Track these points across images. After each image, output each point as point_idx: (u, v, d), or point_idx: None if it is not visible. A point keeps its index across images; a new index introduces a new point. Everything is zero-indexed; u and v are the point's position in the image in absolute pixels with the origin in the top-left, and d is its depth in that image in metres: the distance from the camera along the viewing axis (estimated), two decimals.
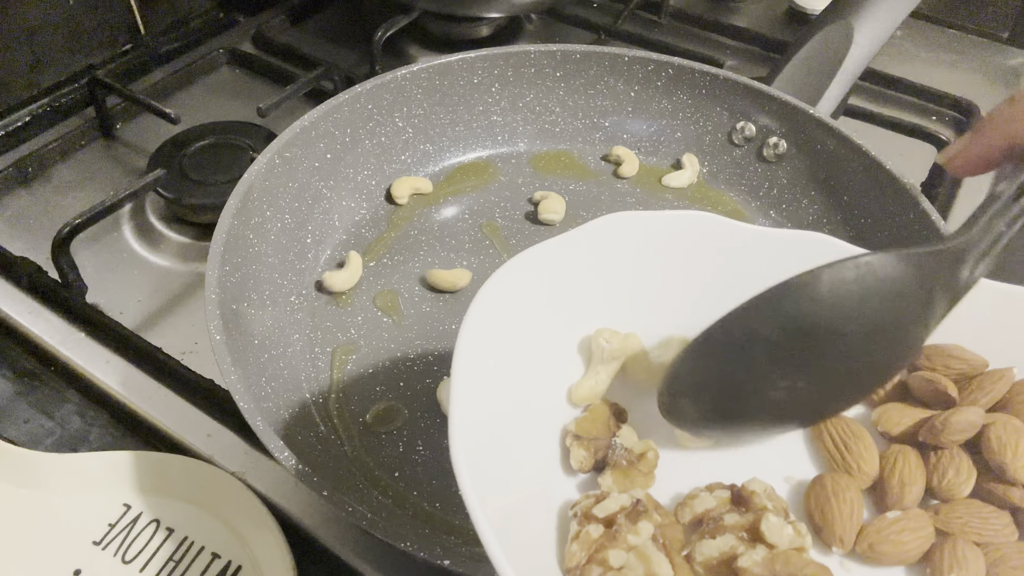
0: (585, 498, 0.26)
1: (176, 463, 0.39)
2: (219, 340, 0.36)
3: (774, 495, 0.27)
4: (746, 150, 0.55)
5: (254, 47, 0.72)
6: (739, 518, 0.26)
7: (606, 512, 0.25)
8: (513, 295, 0.28)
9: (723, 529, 0.26)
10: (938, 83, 0.70)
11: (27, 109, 0.62)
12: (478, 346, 0.26)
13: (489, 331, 0.27)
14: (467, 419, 0.24)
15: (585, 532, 0.25)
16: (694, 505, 0.27)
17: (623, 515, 0.25)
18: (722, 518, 0.26)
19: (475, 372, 0.25)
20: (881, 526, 0.27)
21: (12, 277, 0.49)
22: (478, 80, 0.54)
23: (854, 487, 0.27)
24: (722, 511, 0.26)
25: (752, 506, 0.26)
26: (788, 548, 0.25)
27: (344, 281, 0.46)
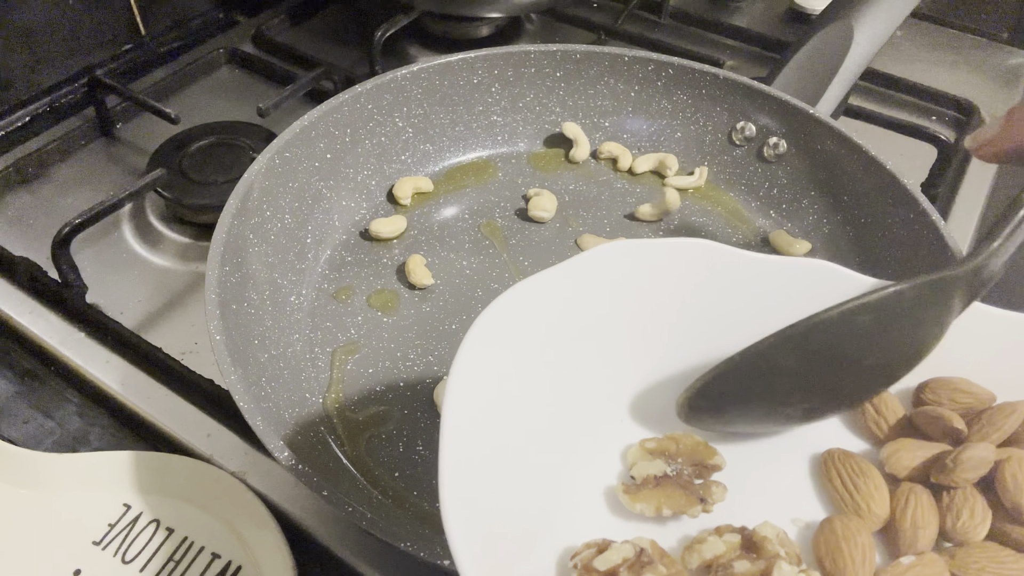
0: (586, 548, 0.25)
1: (176, 463, 0.39)
2: (219, 340, 0.36)
3: (786, 540, 0.26)
4: (746, 150, 0.55)
5: (254, 47, 0.72)
6: (750, 566, 0.25)
7: (608, 565, 0.24)
8: (507, 332, 0.27)
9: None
10: (938, 83, 0.70)
11: (27, 109, 0.62)
12: (472, 381, 0.25)
13: (482, 371, 0.26)
14: (459, 463, 0.23)
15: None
16: (702, 550, 0.25)
17: (625, 567, 0.24)
18: (732, 565, 0.25)
19: (468, 411, 0.25)
20: (896, 572, 0.25)
21: (12, 277, 0.49)
22: (478, 80, 0.54)
23: (865, 530, 0.26)
24: (732, 557, 0.25)
25: (764, 553, 0.25)
26: None
27: (392, 229, 0.49)
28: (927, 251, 0.43)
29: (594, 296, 0.30)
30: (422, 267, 0.48)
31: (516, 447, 0.27)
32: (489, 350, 0.26)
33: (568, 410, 0.29)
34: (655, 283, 0.30)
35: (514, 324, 0.27)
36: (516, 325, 0.28)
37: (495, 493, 0.25)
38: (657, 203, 0.52)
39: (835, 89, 0.54)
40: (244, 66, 0.71)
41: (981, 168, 0.63)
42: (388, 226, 0.49)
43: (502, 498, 0.25)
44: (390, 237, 0.50)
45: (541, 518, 0.26)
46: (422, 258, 0.48)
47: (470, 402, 0.25)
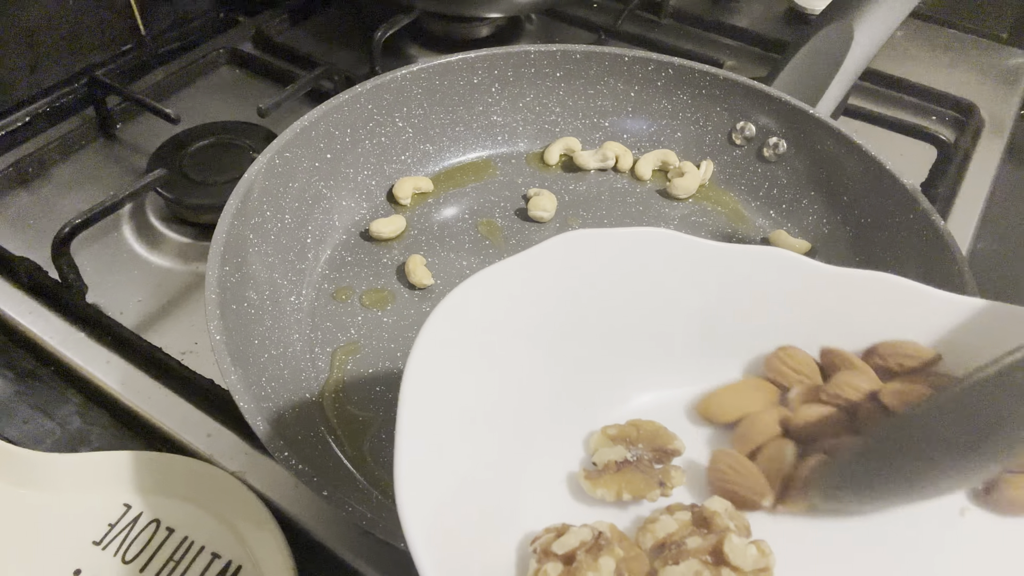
0: (545, 532, 0.25)
1: (176, 463, 0.39)
2: (219, 340, 0.36)
3: (735, 514, 0.27)
4: (746, 150, 0.55)
5: (254, 47, 0.72)
6: (702, 541, 0.25)
7: (565, 548, 0.24)
8: (466, 322, 0.27)
9: (686, 554, 0.25)
10: (938, 83, 0.70)
11: (27, 109, 0.62)
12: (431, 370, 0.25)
13: (440, 361, 0.26)
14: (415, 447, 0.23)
15: (543, 571, 0.24)
16: (655, 529, 0.26)
17: (583, 550, 0.24)
18: (684, 542, 0.25)
19: (426, 394, 0.25)
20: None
21: (12, 277, 0.49)
22: (478, 80, 0.54)
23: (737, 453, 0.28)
24: (684, 534, 0.26)
25: (714, 527, 0.26)
26: (752, 569, 0.24)
27: (392, 229, 0.49)
28: (927, 251, 0.43)
29: (554, 284, 0.30)
30: (422, 267, 0.48)
31: (476, 436, 0.27)
32: (448, 339, 0.26)
33: (529, 398, 0.29)
34: (616, 271, 0.30)
35: (473, 313, 0.28)
36: (475, 314, 0.28)
37: (454, 483, 0.25)
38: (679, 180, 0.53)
39: (835, 89, 0.54)
40: (244, 66, 0.71)
41: (981, 168, 0.63)
42: (388, 226, 0.49)
43: (461, 488, 0.25)
44: (390, 237, 0.50)
45: (502, 506, 0.27)
46: (422, 258, 0.48)
47: (428, 392, 0.25)
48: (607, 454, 0.28)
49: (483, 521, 0.26)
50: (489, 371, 0.28)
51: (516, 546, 0.26)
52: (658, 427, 0.29)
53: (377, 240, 0.50)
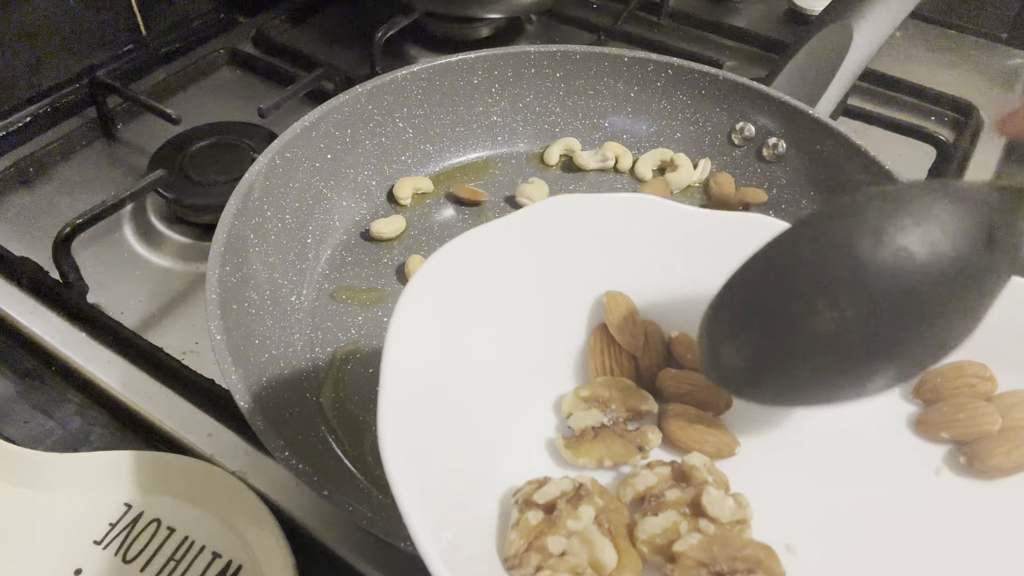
0: (527, 484, 0.26)
1: (176, 463, 0.39)
2: (219, 340, 0.36)
3: (714, 468, 0.27)
4: (746, 150, 0.55)
5: (254, 47, 0.72)
6: (680, 493, 0.26)
7: (546, 498, 0.25)
8: (450, 280, 0.28)
9: (665, 505, 0.26)
10: (938, 83, 0.70)
11: (28, 109, 0.62)
12: (412, 330, 0.25)
13: (424, 315, 0.26)
14: (400, 402, 0.23)
15: (525, 519, 0.24)
16: (635, 483, 0.27)
17: (564, 500, 0.25)
18: (663, 494, 0.26)
19: (410, 360, 0.25)
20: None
21: (13, 277, 0.49)
22: (478, 80, 0.54)
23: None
24: (664, 487, 0.26)
25: (693, 480, 0.26)
26: (730, 520, 0.25)
27: (392, 229, 0.50)
28: None
29: (535, 248, 0.30)
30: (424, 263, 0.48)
31: (458, 398, 0.27)
32: (430, 299, 0.27)
33: (509, 360, 0.30)
34: (597, 236, 0.31)
35: (455, 275, 0.28)
36: (457, 276, 0.28)
37: (437, 442, 0.25)
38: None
39: (834, 89, 0.54)
40: (244, 66, 0.71)
41: (980, 168, 0.63)
42: (388, 226, 0.50)
43: (444, 447, 0.25)
44: (391, 237, 0.50)
45: (485, 466, 0.27)
46: (422, 258, 0.48)
47: (410, 353, 0.25)
48: (583, 419, 0.28)
49: (466, 480, 0.26)
50: (472, 328, 0.28)
51: (499, 500, 0.26)
52: (629, 385, 0.30)
53: (377, 240, 0.50)
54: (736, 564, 0.24)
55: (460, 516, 0.24)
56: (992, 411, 0.29)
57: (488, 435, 0.28)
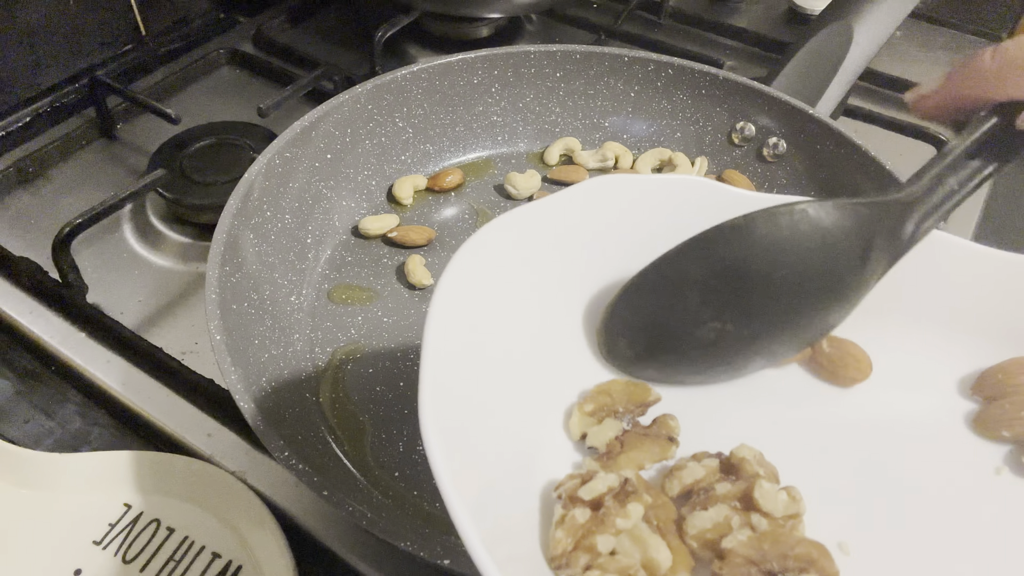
0: (570, 479, 0.25)
1: (176, 463, 0.39)
2: (219, 340, 0.36)
3: (764, 461, 0.26)
4: (746, 150, 0.55)
5: (254, 47, 0.72)
6: (731, 487, 0.25)
7: (593, 494, 0.24)
8: (493, 259, 0.27)
9: (715, 499, 0.25)
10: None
11: (28, 109, 0.62)
12: (454, 312, 0.25)
13: (466, 296, 0.25)
14: (441, 393, 0.23)
15: (571, 516, 0.23)
16: (682, 476, 0.26)
17: (611, 496, 0.24)
18: (713, 488, 0.25)
19: (449, 345, 0.24)
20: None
21: (12, 277, 0.49)
22: (478, 80, 0.54)
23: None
24: (712, 480, 0.25)
25: (743, 473, 0.25)
26: (783, 515, 0.24)
27: (380, 226, 0.49)
28: None
29: (579, 228, 0.29)
30: (422, 267, 0.48)
31: (496, 383, 0.26)
32: (472, 281, 0.26)
33: (550, 348, 0.29)
34: (644, 216, 0.30)
35: (499, 255, 0.27)
36: (501, 256, 0.27)
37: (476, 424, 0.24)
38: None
39: (835, 89, 0.54)
40: (244, 66, 0.71)
41: None
42: (376, 223, 0.50)
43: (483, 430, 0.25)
44: (378, 234, 0.50)
45: (523, 454, 0.26)
46: (422, 258, 0.48)
47: (450, 335, 0.24)
48: (602, 434, 0.27)
49: (506, 467, 0.25)
50: (508, 319, 0.27)
51: (539, 493, 0.25)
52: (624, 383, 0.29)
53: (367, 237, 0.50)
54: (788, 562, 0.23)
55: (499, 505, 0.23)
56: None
57: (527, 424, 0.27)
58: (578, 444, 0.28)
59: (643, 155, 0.55)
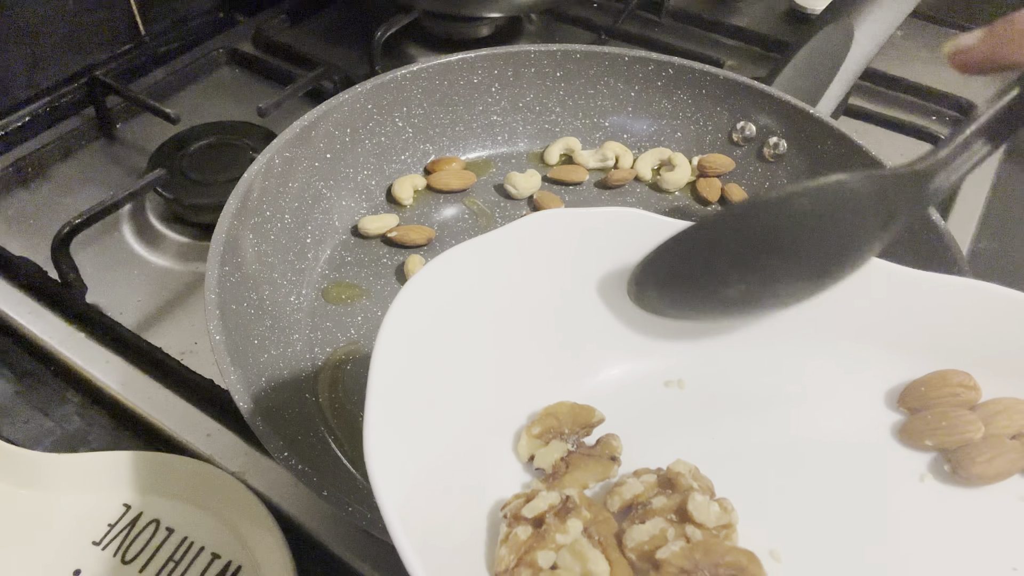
0: (515, 499, 0.26)
1: (176, 463, 0.39)
2: (219, 340, 0.36)
3: (699, 475, 0.28)
4: (746, 150, 0.55)
5: (254, 47, 0.72)
6: (667, 500, 0.26)
7: (535, 512, 0.25)
8: (439, 293, 0.28)
9: (652, 513, 0.26)
10: (939, 83, 0.70)
11: (27, 109, 0.62)
12: (399, 343, 0.25)
13: (413, 329, 0.26)
14: (388, 425, 0.23)
15: (514, 534, 0.25)
16: (622, 492, 0.27)
17: (552, 514, 0.25)
18: (650, 502, 0.26)
19: (396, 372, 0.25)
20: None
21: (12, 277, 0.49)
22: (478, 80, 0.54)
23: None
24: (650, 495, 0.27)
25: (678, 487, 0.27)
26: (716, 525, 0.25)
27: (379, 226, 0.49)
28: (927, 251, 0.43)
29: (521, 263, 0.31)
30: (421, 267, 0.47)
31: (445, 409, 0.27)
32: (422, 309, 0.27)
33: (498, 374, 0.30)
34: (584, 250, 0.32)
35: (448, 285, 0.28)
36: (449, 286, 0.28)
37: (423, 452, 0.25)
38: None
39: (835, 89, 0.54)
40: (244, 66, 0.71)
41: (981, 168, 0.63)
42: (375, 223, 0.49)
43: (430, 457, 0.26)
44: (377, 234, 0.50)
45: (471, 480, 0.27)
46: (421, 258, 0.48)
47: (398, 361, 0.25)
48: (549, 455, 0.28)
49: (452, 495, 0.26)
50: (454, 351, 0.28)
51: (487, 514, 0.27)
52: (571, 406, 0.30)
53: (366, 237, 0.50)
54: (719, 570, 0.24)
55: (448, 529, 0.25)
56: (975, 419, 0.29)
57: (476, 448, 0.28)
58: (527, 465, 0.29)
59: (643, 155, 0.55)
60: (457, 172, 0.53)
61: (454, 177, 0.53)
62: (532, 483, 0.28)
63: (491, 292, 0.30)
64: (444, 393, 0.27)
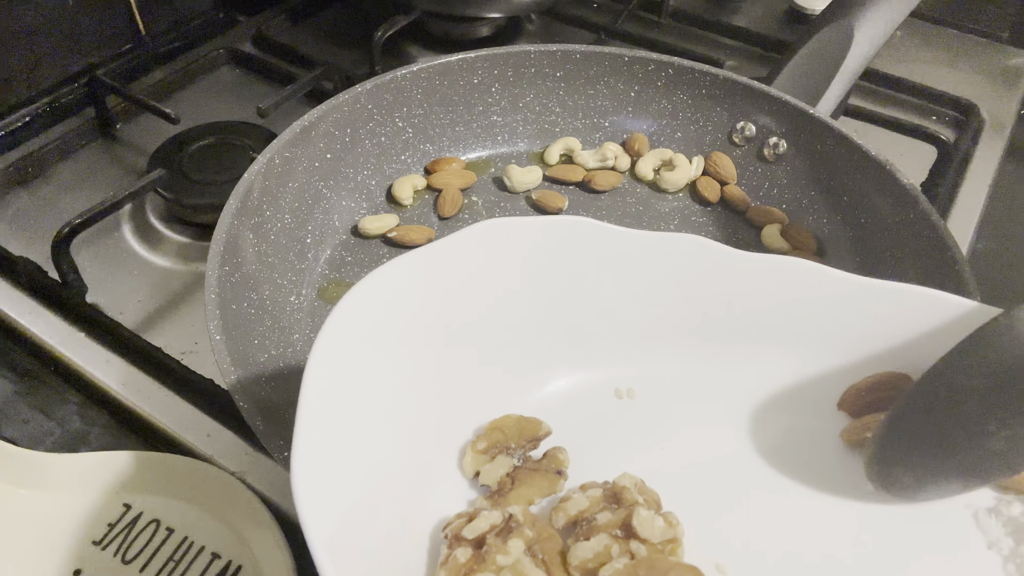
0: (457, 518, 0.25)
1: (176, 463, 0.39)
2: (219, 340, 0.36)
3: (645, 488, 0.27)
4: (746, 150, 0.55)
5: (254, 47, 0.72)
6: (611, 516, 0.26)
7: (475, 532, 0.24)
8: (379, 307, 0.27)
9: (597, 529, 0.25)
10: (938, 83, 0.70)
11: (27, 109, 0.62)
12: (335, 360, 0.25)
13: (348, 343, 0.26)
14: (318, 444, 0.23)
15: (453, 556, 0.24)
16: (568, 508, 0.26)
17: (494, 534, 0.24)
18: (595, 518, 0.26)
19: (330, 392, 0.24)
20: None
21: (12, 277, 0.49)
22: (478, 80, 0.54)
23: None
24: (595, 510, 0.26)
25: (624, 501, 0.26)
26: (661, 540, 0.25)
27: (379, 226, 0.49)
28: (927, 251, 0.43)
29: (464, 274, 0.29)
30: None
31: (383, 430, 0.26)
32: (356, 328, 0.26)
33: (438, 392, 0.29)
34: (528, 259, 0.30)
35: (383, 301, 0.27)
36: (386, 302, 0.27)
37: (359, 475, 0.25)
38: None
39: (835, 89, 0.54)
40: (244, 66, 0.71)
41: (981, 168, 0.63)
42: (375, 223, 0.49)
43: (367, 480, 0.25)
44: (377, 234, 0.50)
45: (412, 500, 0.27)
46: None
47: (332, 382, 0.24)
48: (494, 471, 0.28)
49: (393, 519, 0.25)
50: (394, 366, 0.28)
51: (429, 534, 0.26)
52: (517, 418, 0.29)
53: (366, 237, 0.50)
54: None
55: (387, 551, 0.24)
56: None
57: (418, 466, 0.27)
58: (473, 482, 0.28)
59: (644, 155, 0.55)
60: (457, 172, 0.53)
61: (454, 177, 0.53)
62: (477, 500, 0.27)
63: (434, 304, 0.29)
64: (385, 412, 0.27)
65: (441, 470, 0.28)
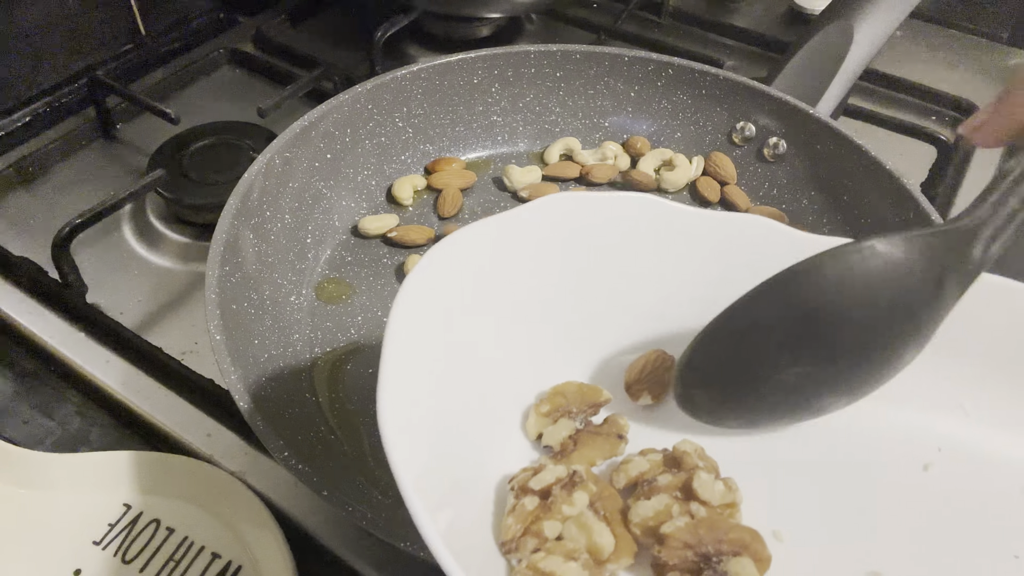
0: (522, 472, 0.27)
1: (176, 463, 0.39)
2: (219, 340, 0.36)
3: (704, 455, 0.28)
4: (746, 150, 0.55)
5: (254, 47, 0.72)
6: (672, 478, 0.26)
7: (542, 484, 0.25)
8: (454, 269, 0.28)
9: (657, 490, 0.26)
10: (938, 83, 0.70)
11: (27, 109, 0.62)
12: (412, 319, 0.26)
13: (425, 304, 0.26)
14: (401, 398, 0.24)
15: (520, 505, 0.25)
16: (628, 469, 0.27)
17: (559, 486, 0.25)
18: (656, 479, 0.27)
19: (409, 348, 0.25)
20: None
21: (12, 277, 0.49)
22: (478, 80, 0.54)
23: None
24: (656, 473, 0.27)
25: (684, 466, 0.27)
26: (720, 503, 0.26)
27: (379, 226, 0.49)
28: None
29: (535, 243, 0.30)
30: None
31: (456, 386, 0.27)
32: (432, 288, 0.27)
33: (507, 353, 0.30)
34: (597, 233, 0.31)
35: (458, 265, 0.28)
36: (459, 266, 0.28)
37: (436, 425, 0.25)
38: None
39: (835, 89, 0.54)
40: (244, 66, 0.71)
41: (981, 168, 0.63)
42: (375, 223, 0.49)
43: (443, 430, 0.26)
44: (378, 234, 0.50)
45: (482, 453, 0.28)
46: (420, 258, 0.48)
47: (411, 338, 0.25)
48: (557, 433, 0.29)
49: (464, 465, 0.26)
50: (467, 324, 0.28)
51: (495, 487, 0.27)
52: (578, 385, 0.30)
53: (366, 237, 0.50)
54: (722, 546, 0.24)
55: (458, 500, 0.25)
56: None
57: (485, 424, 0.28)
58: (535, 443, 0.29)
59: (644, 155, 0.55)
60: (457, 172, 0.53)
61: (454, 177, 0.53)
62: (540, 460, 0.28)
63: (504, 271, 0.30)
64: (455, 371, 0.27)
65: (504, 431, 0.29)
